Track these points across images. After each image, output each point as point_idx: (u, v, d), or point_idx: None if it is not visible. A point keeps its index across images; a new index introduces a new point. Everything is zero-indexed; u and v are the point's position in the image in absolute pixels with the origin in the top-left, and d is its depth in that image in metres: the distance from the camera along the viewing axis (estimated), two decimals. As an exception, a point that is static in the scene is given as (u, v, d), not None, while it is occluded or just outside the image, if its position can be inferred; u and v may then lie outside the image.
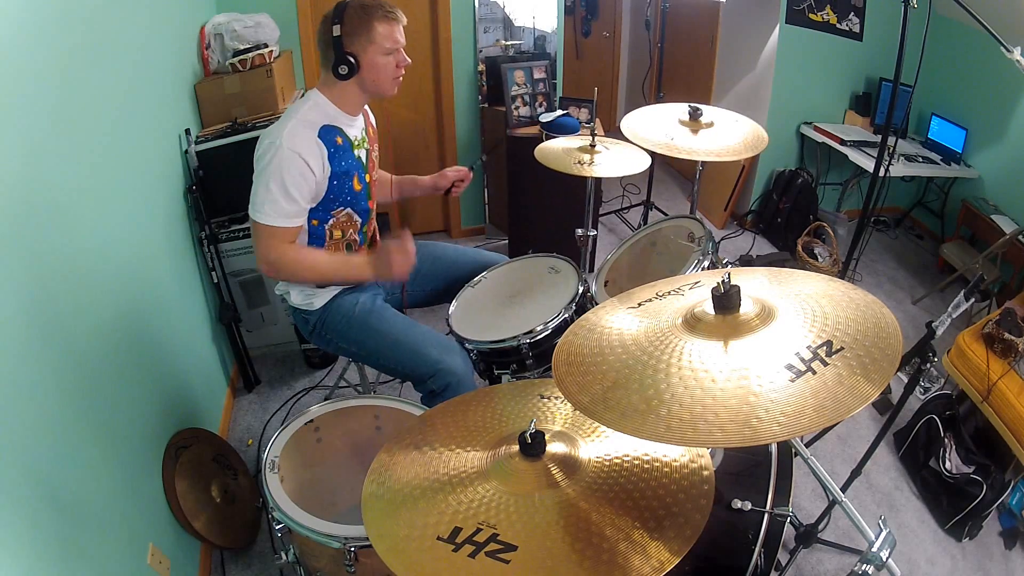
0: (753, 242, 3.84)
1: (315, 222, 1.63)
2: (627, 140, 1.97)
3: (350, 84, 1.59)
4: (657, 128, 1.90)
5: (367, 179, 1.73)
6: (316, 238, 1.67)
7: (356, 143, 1.67)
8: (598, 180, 2.55)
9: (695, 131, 1.84)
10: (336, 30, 1.51)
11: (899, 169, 3.24)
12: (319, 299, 1.76)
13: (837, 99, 3.76)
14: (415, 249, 1.66)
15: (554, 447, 0.98)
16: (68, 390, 1.32)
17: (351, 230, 1.73)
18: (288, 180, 1.51)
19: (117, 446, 1.51)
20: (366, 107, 1.82)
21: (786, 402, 0.73)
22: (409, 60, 1.62)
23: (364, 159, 1.72)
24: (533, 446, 0.95)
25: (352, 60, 1.53)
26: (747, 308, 0.89)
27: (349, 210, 1.69)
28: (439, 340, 1.72)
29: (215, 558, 1.92)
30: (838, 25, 3.46)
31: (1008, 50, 1.67)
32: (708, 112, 1.87)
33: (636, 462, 0.96)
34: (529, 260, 2.02)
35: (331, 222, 1.67)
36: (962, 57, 3.38)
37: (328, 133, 1.57)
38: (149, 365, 1.81)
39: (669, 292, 1.06)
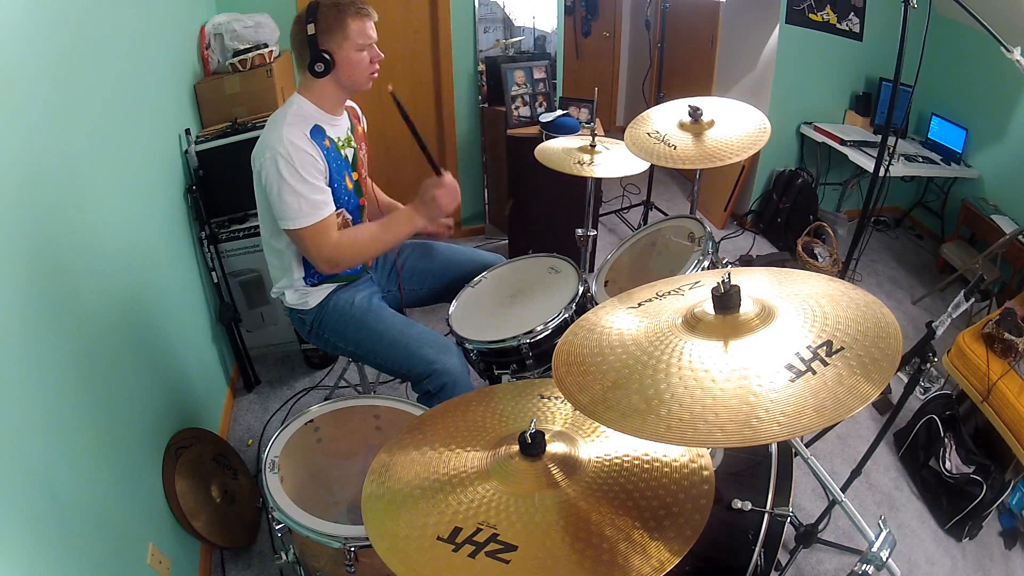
0: (753, 242, 3.84)
1: None
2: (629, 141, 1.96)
3: (327, 82, 1.60)
4: (658, 136, 1.88)
5: (355, 177, 1.74)
6: None
7: (340, 143, 1.68)
8: (598, 180, 2.55)
9: (697, 134, 1.83)
10: (310, 28, 1.53)
11: (899, 169, 3.24)
12: (313, 298, 1.77)
13: (837, 99, 3.76)
14: (456, 183, 1.73)
15: (554, 447, 0.98)
16: (68, 390, 1.32)
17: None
18: (304, 173, 1.52)
19: (117, 446, 1.51)
20: (357, 109, 1.82)
21: (786, 402, 0.73)
22: (382, 55, 1.64)
23: (351, 158, 1.73)
24: (533, 446, 0.95)
25: (327, 57, 1.55)
26: (747, 308, 0.89)
27: (343, 210, 1.69)
28: (435, 340, 1.72)
29: (215, 558, 1.92)
30: (838, 25, 3.46)
31: (1008, 50, 1.67)
32: (708, 108, 1.86)
33: (636, 462, 0.96)
34: (529, 260, 2.02)
35: None
36: (962, 57, 3.37)
37: (316, 134, 1.59)
38: (149, 365, 1.81)
39: (669, 292, 1.06)
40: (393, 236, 1.70)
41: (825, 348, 0.80)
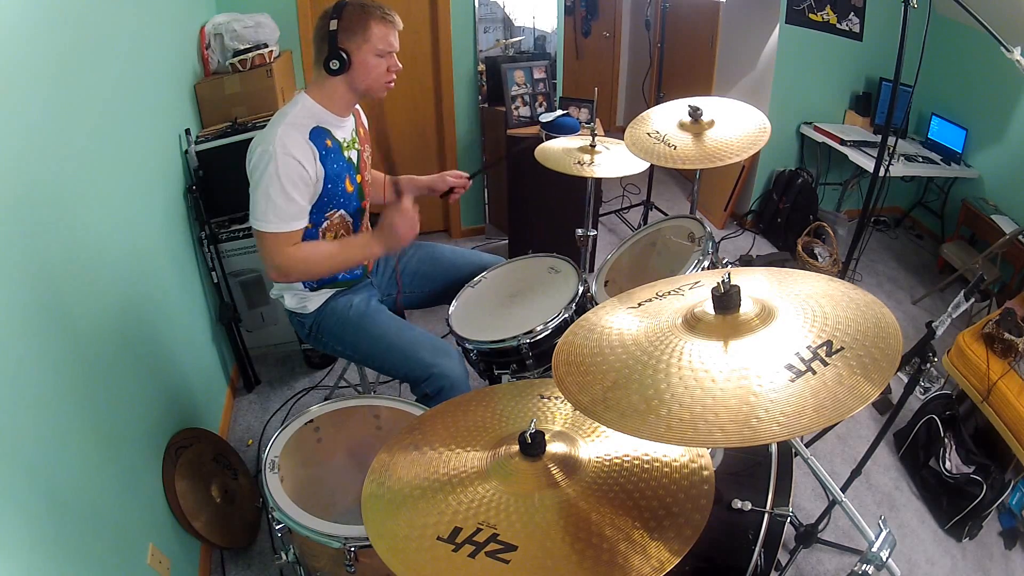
0: (753, 242, 3.84)
1: (309, 225, 1.62)
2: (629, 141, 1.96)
3: (339, 83, 1.58)
4: (658, 136, 1.88)
5: (358, 180, 1.73)
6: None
7: (345, 145, 1.67)
8: (598, 180, 2.55)
9: (697, 134, 1.83)
10: (333, 24, 1.52)
11: (899, 169, 3.24)
12: (312, 303, 1.76)
13: (837, 99, 3.76)
14: (415, 208, 1.64)
15: (554, 447, 0.98)
16: (68, 390, 1.32)
17: (343, 232, 1.73)
18: (287, 183, 1.50)
19: (117, 446, 1.51)
20: (358, 108, 1.81)
21: (786, 402, 0.73)
22: (400, 66, 1.62)
23: (355, 160, 1.71)
24: (533, 446, 0.95)
25: (344, 56, 1.53)
26: (747, 308, 0.89)
27: (342, 211, 1.69)
28: (433, 343, 1.72)
29: (215, 558, 1.92)
30: (838, 25, 3.46)
31: (1008, 50, 1.67)
32: (708, 108, 1.86)
33: (636, 462, 0.96)
34: (529, 260, 2.02)
35: (325, 224, 1.67)
36: (962, 57, 3.38)
37: (318, 136, 1.57)
38: (149, 365, 1.81)
39: (669, 292, 1.06)
40: (348, 258, 1.67)
41: (825, 348, 0.80)
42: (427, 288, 1.99)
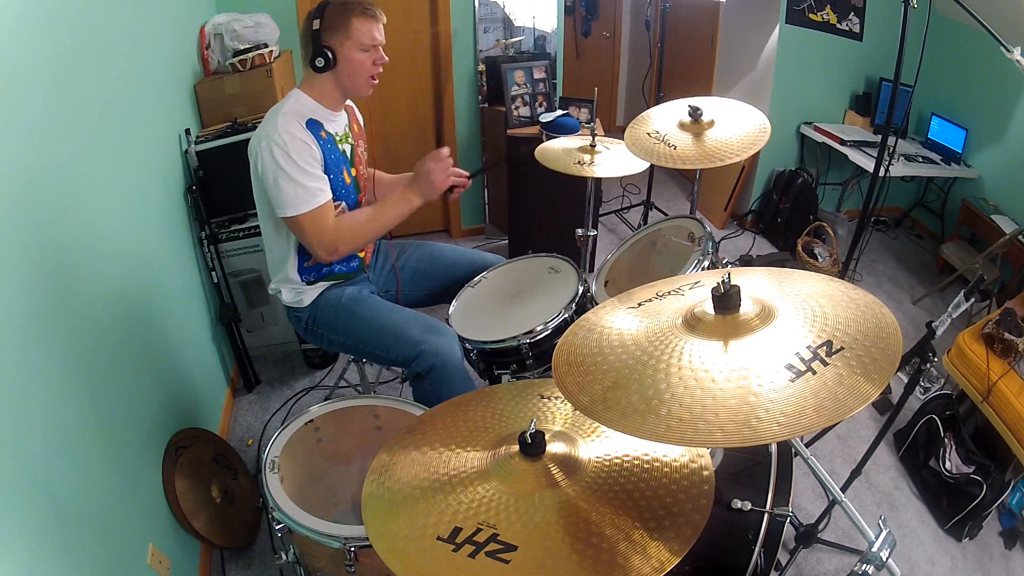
0: (753, 242, 3.84)
1: None
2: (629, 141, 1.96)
3: (327, 80, 1.61)
4: (658, 136, 1.88)
5: (353, 173, 1.75)
6: None
7: (338, 138, 1.69)
8: (598, 180, 2.55)
9: (697, 134, 1.83)
10: (315, 24, 1.55)
11: (899, 169, 3.24)
12: (308, 296, 1.78)
13: (837, 99, 3.76)
14: (449, 155, 1.71)
15: (554, 447, 0.98)
16: (68, 390, 1.32)
17: None
18: (300, 160, 1.53)
19: (117, 446, 1.51)
20: (353, 105, 1.84)
21: (786, 402, 0.73)
22: (387, 59, 1.64)
23: (349, 154, 1.73)
24: (533, 446, 0.95)
25: (329, 54, 1.56)
26: (747, 308, 0.89)
27: (343, 204, 1.70)
28: (423, 321, 1.72)
29: (215, 558, 1.92)
30: (838, 25, 3.46)
31: (1008, 50, 1.67)
32: (708, 108, 1.86)
33: (636, 462, 0.96)
34: (529, 260, 2.02)
35: None
36: (962, 57, 3.37)
37: (312, 127, 1.60)
38: (149, 365, 1.81)
39: (669, 292, 1.06)
40: (391, 215, 1.68)
41: (825, 348, 0.80)
42: (427, 287, 2.00)
